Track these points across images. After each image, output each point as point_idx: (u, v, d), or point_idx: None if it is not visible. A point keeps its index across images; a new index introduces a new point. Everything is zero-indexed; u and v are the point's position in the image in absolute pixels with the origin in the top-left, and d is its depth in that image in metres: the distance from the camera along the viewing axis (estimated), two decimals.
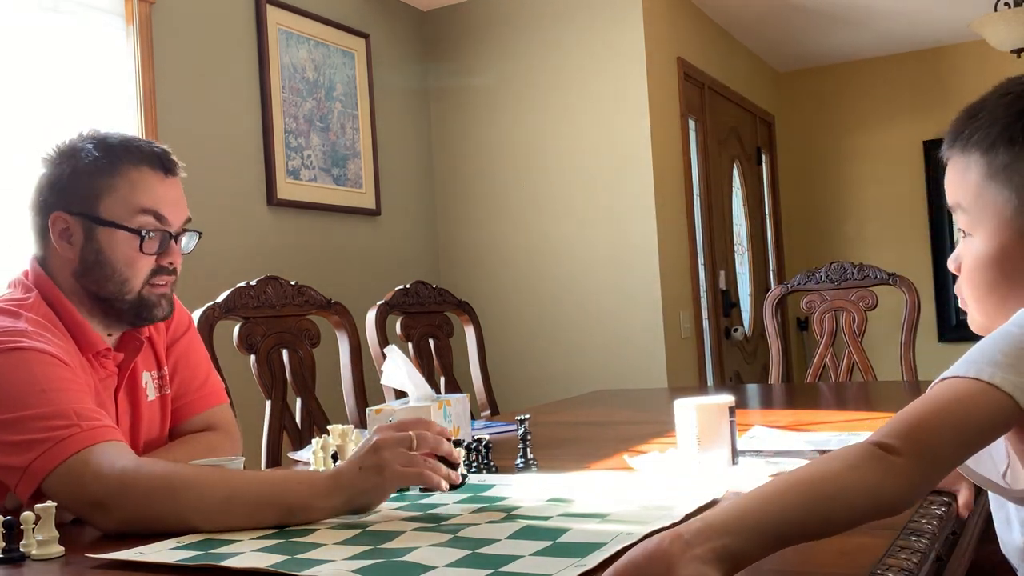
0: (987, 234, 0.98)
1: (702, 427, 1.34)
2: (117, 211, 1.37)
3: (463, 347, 2.83)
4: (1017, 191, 0.95)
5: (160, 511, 1.15)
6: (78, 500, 1.18)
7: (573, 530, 1.04)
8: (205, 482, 1.17)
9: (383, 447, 1.17)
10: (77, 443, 1.19)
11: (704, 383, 4.33)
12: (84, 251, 1.38)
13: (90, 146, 1.39)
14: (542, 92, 4.13)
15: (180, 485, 1.16)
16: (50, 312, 1.36)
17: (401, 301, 2.62)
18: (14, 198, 2.59)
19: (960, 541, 1.25)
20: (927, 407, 0.87)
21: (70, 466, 1.17)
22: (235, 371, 2.06)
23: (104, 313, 1.41)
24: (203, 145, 3.14)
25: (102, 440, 1.21)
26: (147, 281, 1.40)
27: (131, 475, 1.17)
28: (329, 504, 1.15)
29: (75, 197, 1.38)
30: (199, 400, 1.59)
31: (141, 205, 1.38)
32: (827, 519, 0.81)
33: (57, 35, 2.75)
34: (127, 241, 1.38)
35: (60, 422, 1.20)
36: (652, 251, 3.93)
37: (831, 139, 5.89)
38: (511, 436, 1.82)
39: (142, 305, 1.41)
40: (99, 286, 1.39)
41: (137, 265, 1.39)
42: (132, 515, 1.16)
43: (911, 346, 2.89)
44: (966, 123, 1.01)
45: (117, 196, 1.37)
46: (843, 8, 4.78)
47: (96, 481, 1.16)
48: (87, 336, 1.38)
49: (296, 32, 3.60)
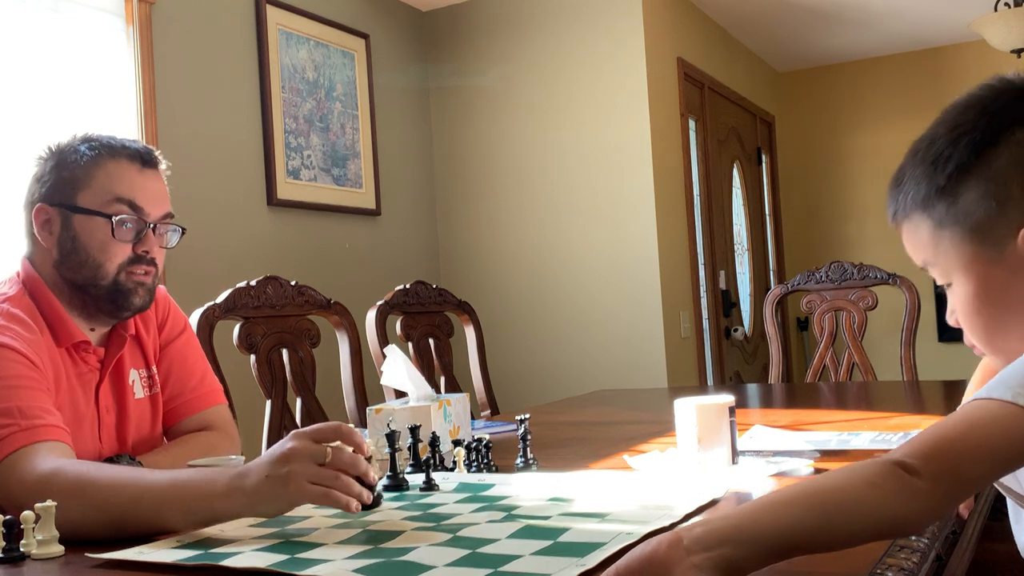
0: (962, 276, 0.99)
1: (702, 427, 1.34)
2: (93, 200, 1.40)
3: (463, 347, 2.83)
4: (966, 228, 0.96)
5: (68, 515, 1.12)
6: (8, 502, 1.19)
7: (573, 530, 1.04)
8: (114, 484, 1.15)
9: (293, 458, 1.09)
10: (11, 444, 1.21)
11: (704, 383, 4.33)
12: (61, 239, 1.41)
13: (77, 143, 1.44)
14: (542, 92, 4.13)
15: (89, 488, 1.15)
16: (31, 305, 1.38)
17: (401, 301, 2.62)
18: (14, 198, 2.59)
19: (960, 541, 1.25)
20: (958, 429, 0.85)
21: (3, 467, 1.20)
22: (235, 371, 2.06)
23: (83, 304, 1.42)
24: (203, 145, 3.15)
25: (38, 440, 1.22)
26: (123, 268, 1.42)
27: (46, 480, 1.17)
28: (230, 507, 1.10)
29: (56, 189, 1.42)
30: (195, 400, 1.58)
31: (116, 194, 1.41)
32: (836, 534, 0.80)
33: (57, 35, 2.75)
34: (101, 227, 1.40)
35: (3, 420, 1.22)
36: (652, 251, 3.93)
37: (831, 139, 5.89)
38: (511, 436, 1.82)
39: (117, 291, 1.42)
40: (75, 272, 1.41)
41: (110, 251, 1.40)
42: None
43: (911, 346, 2.90)
44: (896, 192, 1.03)
45: (94, 186, 1.41)
46: (843, 8, 4.78)
47: (19, 485, 1.18)
48: (66, 327, 1.40)
49: (296, 32, 3.60)
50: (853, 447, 1.43)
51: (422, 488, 1.33)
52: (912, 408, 2.23)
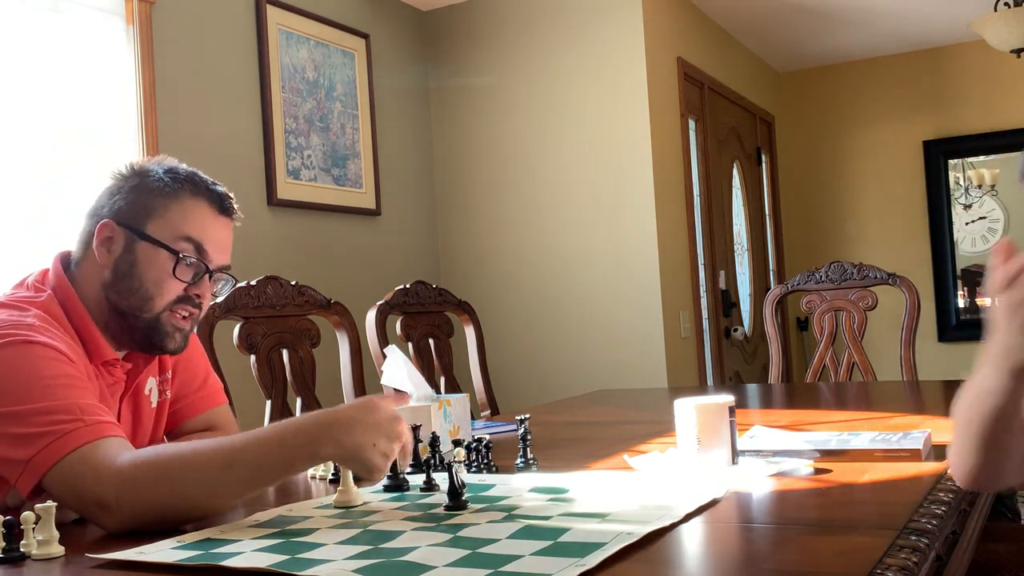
0: None
1: (702, 427, 1.34)
2: (163, 232, 1.39)
3: (463, 347, 2.83)
4: None
5: (162, 500, 1.15)
6: (79, 498, 1.17)
7: (573, 530, 1.04)
8: (198, 457, 1.18)
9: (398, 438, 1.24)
10: (79, 438, 1.18)
11: (704, 383, 4.33)
12: (119, 261, 1.38)
13: (159, 170, 1.42)
14: (542, 92, 4.13)
15: (176, 468, 1.17)
16: (61, 313, 1.35)
17: (401, 301, 2.62)
18: (14, 198, 2.59)
19: (960, 541, 1.25)
20: None
21: (71, 462, 1.17)
22: (235, 371, 2.06)
23: (119, 329, 1.40)
24: (203, 145, 3.15)
25: (104, 436, 1.20)
26: (169, 306, 1.40)
27: (128, 471, 1.16)
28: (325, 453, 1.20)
29: (128, 209, 1.39)
30: (199, 401, 1.59)
31: (186, 232, 1.39)
32: None
33: (57, 35, 2.75)
34: (162, 261, 1.38)
35: (63, 416, 1.20)
36: (652, 251, 3.93)
37: (831, 139, 5.89)
38: (511, 436, 1.82)
39: (156, 330, 1.40)
40: (122, 297, 1.38)
41: (164, 286, 1.39)
42: (135, 511, 1.16)
43: (911, 346, 2.90)
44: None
45: (167, 218, 1.39)
46: (843, 8, 4.78)
47: (96, 481, 1.16)
48: (96, 344, 1.37)
49: (296, 32, 3.60)
50: (853, 447, 1.43)
51: (422, 488, 1.33)
52: (912, 408, 2.23)
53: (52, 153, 2.70)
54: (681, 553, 1.00)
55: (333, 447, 1.19)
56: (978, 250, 5.55)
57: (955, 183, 5.57)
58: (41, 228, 2.63)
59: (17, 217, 2.59)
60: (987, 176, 5.52)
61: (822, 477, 1.30)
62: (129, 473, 1.16)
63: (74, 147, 2.75)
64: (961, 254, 5.58)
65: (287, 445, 1.19)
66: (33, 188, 2.63)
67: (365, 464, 1.20)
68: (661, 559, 0.97)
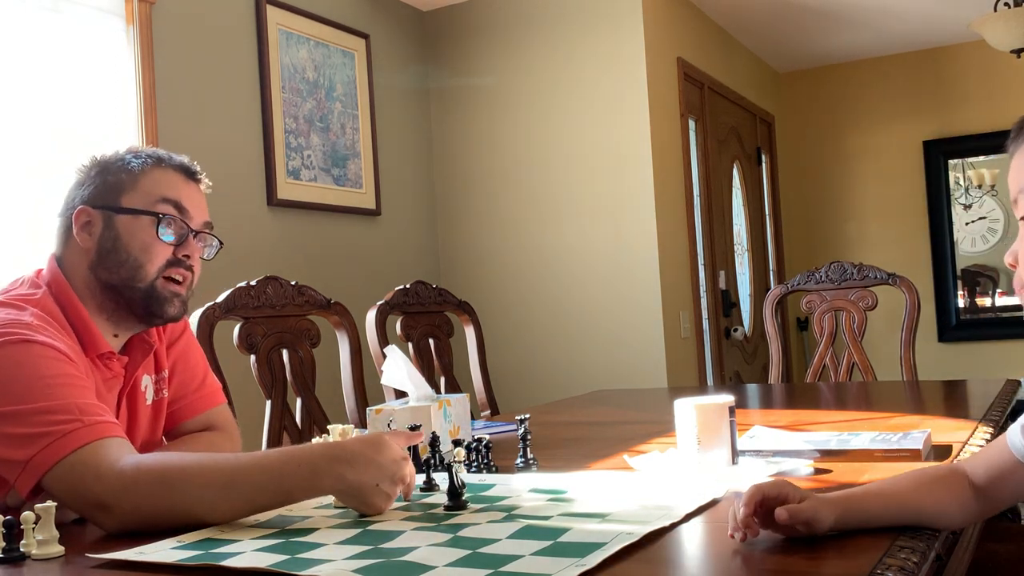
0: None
1: (702, 427, 1.34)
2: (139, 201, 1.41)
3: (463, 347, 2.83)
4: None
5: (160, 508, 1.15)
6: (79, 498, 1.17)
7: (573, 530, 1.04)
8: (202, 472, 1.18)
9: (402, 481, 1.21)
10: (79, 438, 1.18)
11: (704, 383, 4.33)
12: (102, 239, 1.40)
13: (121, 152, 1.46)
14: (542, 92, 4.13)
15: (178, 480, 1.16)
16: (57, 309, 1.36)
17: (401, 301, 2.62)
18: (14, 198, 2.59)
19: (960, 541, 1.25)
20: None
21: (71, 462, 1.17)
22: (235, 371, 2.06)
23: (115, 307, 1.40)
24: (203, 145, 3.14)
25: (104, 436, 1.20)
26: (161, 272, 1.40)
27: (130, 475, 1.16)
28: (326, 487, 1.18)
29: (100, 192, 1.42)
30: (198, 401, 1.59)
31: (162, 195, 1.42)
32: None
33: (57, 35, 2.74)
34: (145, 227, 1.39)
35: (63, 416, 1.19)
36: (652, 251, 3.93)
37: (831, 139, 5.89)
38: (511, 436, 1.82)
39: (153, 298, 1.40)
40: (112, 272, 1.39)
41: (152, 251, 1.40)
42: (133, 514, 1.16)
43: (911, 346, 2.90)
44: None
45: (139, 189, 1.41)
46: (843, 8, 4.78)
47: (97, 481, 1.16)
48: (92, 337, 1.37)
49: (296, 32, 3.60)
50: (853, 447, 1.43)
51: (422, 488, 1.33)
52: (912, 408, 2.23)
53: (52, 153, 2.69)
54: (681, 553, 1.00)
55: (334, 481, 1.17)
56: (978, 250, 5.55)
57: (955, 183, 5.57)
58: (41, 228, 2.63)
59: (17, 217, 2.59)
60: (987, 176, 5.52)
61: (822, 477, 1.30)
62: (131, 477, 1.16)
63: (74, 147, 2.75)
64: (961, 254, 5.58)
65: (288, 475, 1.17)
66: (33, 188, 2.63)
67: (365, 503, 1.18)
68: (661, 559, 0.97)
